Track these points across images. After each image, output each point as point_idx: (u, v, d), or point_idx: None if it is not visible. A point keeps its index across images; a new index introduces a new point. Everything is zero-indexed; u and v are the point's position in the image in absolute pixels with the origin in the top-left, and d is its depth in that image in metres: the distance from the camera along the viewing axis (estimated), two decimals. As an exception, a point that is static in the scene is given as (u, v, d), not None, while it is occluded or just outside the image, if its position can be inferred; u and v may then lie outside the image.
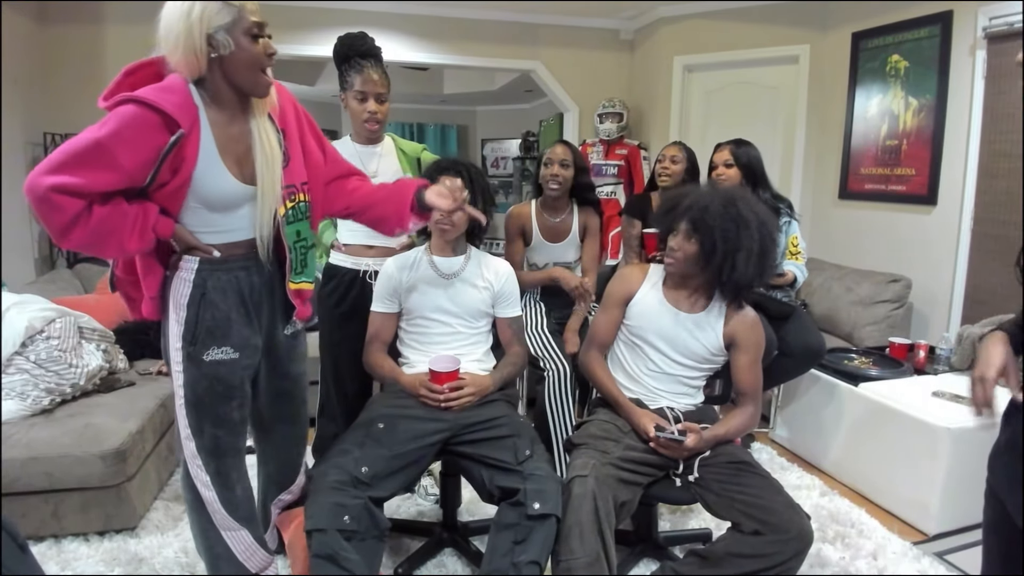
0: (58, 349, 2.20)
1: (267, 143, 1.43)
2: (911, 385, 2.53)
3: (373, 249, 2.15)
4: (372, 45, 2.10)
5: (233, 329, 1.49)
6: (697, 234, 1.72)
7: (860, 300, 3.24)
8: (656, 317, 1.83)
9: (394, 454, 1.65)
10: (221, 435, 1.52)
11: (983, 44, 2.97)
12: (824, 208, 3.99)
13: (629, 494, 1.64)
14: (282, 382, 1.68)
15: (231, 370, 1.49)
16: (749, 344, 1.81)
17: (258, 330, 1.55)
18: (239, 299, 1.50)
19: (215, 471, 1.53)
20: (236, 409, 1.53)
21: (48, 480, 1.98)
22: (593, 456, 1.66)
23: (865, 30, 3.60)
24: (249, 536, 1.60)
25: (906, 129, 3.39)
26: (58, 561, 1.95)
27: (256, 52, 1.33)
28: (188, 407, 1.49)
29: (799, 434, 2.86)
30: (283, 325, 1.62)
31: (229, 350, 1.48)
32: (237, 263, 1.48)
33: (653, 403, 1.83)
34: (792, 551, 1.49)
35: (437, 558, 2.00)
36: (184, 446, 1.53)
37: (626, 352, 1.91)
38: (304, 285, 1.62)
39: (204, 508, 1.56)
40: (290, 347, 1.67)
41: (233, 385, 1.51)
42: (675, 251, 1.77)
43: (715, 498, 1.64)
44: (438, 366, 1.81)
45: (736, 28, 4.13)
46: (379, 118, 2.09)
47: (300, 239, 1.57)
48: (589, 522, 1.51)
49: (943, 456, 2.18)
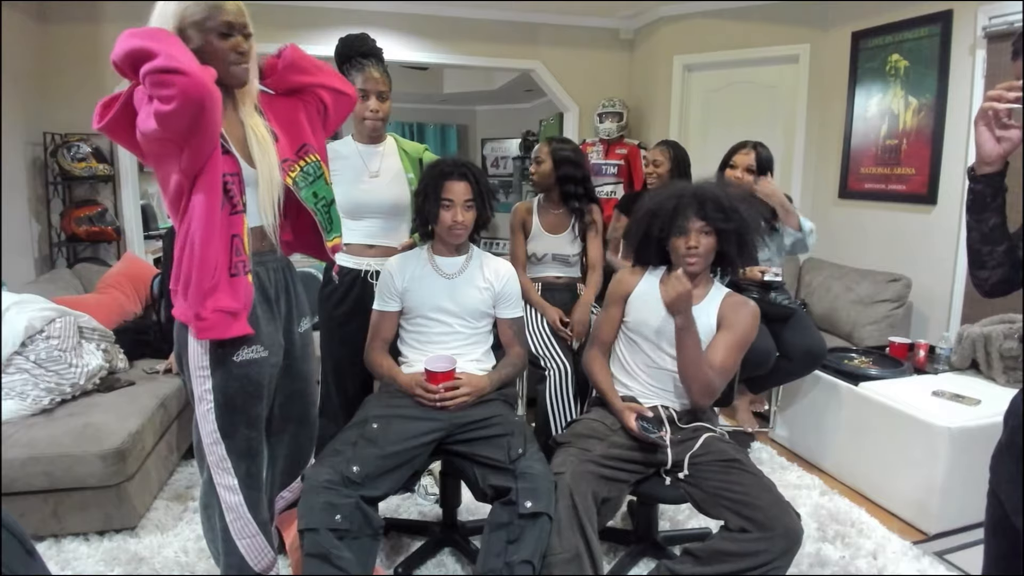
0: (58, 349, 2.20)
1: (257, 129, 1.47)
2: (911, 384, 2.53)
3: (374, 249, 2.15)
4: (373, 45, 2.11)
5: (260, 326, 1.49)
6: (713, 225, 1.75)
7: (860, 299, 3.24)
8: (653, 312, 1.84)
9: (387, 453, 1.65)
10: (254, 436, 1.52)
11: (983, 43, 2.97)
12: (824, 207, 3.99)
13: (613, 491, 1.64)
14: (295, 382, 1.69)
15: (261, 369, 1.49)
16: (737, 324, 1.79)
17: (280, 328, 1.57)
18: (262, 295, 1.51)
19: (245, 473, 1.52)
20: (265, 408, 1.55)
21: (48, 480, 1.98)
22: (573, 454, 1.66)
23: (865, 29, 3.60)
24: (263, 540, 1.60)
25: (906, 128, 3.39)
26: (58, 561, 1.95)
27: (221, 49, 1.38)
28: (218, 410, 1.46)
29: (799, 434, 2.86)
30: (298, 322, 1.66)
31: (259, 348, 1.48)
32: (254, 257, 1.48)
33: (648, 401, 1.83)
34: (779, 549, 1.47)
35: (437, 557, 2.00)
36: (209, 451, 1.50)
37: (624, 349, 1.92)
38: (337, 239, 1.69)
39: (224, 516, 1.53)
40: (303, 345, 1.69)
41: (262, 384, 1.51)
42: (695, 249, 1.76)
43: (703, 496, 1.63)
44: (434, 366, 1.81)
45: (736, 27, 4.13)
46: (381, 116, 2.09)
47: (319, 199, 1.60)
48: (567, 518, 1.51)
49: (943, 456, 2.18)
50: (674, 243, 1.80)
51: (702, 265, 1.80)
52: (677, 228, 1.78)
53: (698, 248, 1.76)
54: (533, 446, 1.73)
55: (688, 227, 1.76)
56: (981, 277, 1.25)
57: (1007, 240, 1.21)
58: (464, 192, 1.88)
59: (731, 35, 4.14)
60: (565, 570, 1.48)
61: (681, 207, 1.77)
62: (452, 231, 1.90)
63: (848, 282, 3.36)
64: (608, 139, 4.35)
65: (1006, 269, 1.21)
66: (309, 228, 1.62)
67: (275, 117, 1.56)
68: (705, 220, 1.75)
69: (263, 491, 1.60)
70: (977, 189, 1.20)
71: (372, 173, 2.13)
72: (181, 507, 2.29)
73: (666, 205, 1.81)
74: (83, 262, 3.60)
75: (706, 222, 1.75)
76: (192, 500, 2.34)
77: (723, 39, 4.17)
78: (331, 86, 1.64)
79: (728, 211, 1.74)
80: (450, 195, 1.87)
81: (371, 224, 2.15)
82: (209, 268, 1.36)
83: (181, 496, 2.37)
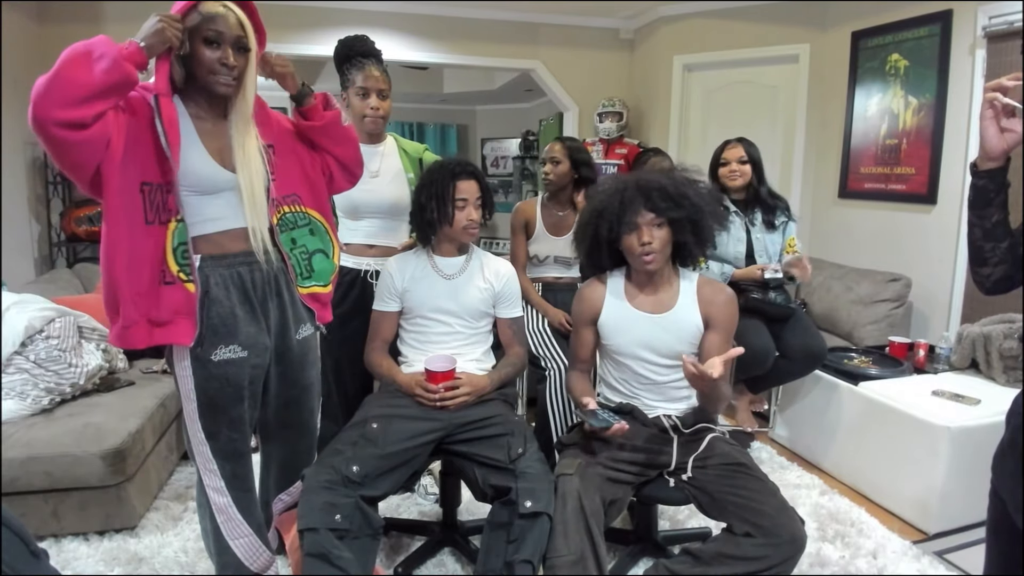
0: (58, 349, 2.20)
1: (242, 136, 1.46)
2: (911, 384, 2.53)
3: (374, 248, 2.16)
4: (372, 46, 2.12)
5: (239, 326, 1.48)
6: (664, 214, 1.68)
7: (860, 299, 3.24)
8: (631, 328, 1.77)
9: (386, 453, 1.65)
10: (236, 437, 1.53)
11: (983, 43, 2.97)
12: (824, 207, 3.99)
13: (618, 493, 1.62)
14: (291, 389, 1.68)
15: (240, 369, 1.49)
16: (722, 320, 1.75)
17: (266, 330, 1.55)
18: (242, 295, 1.50)
19: (231, 474, 1.54)
20: (248, 410, 1.54)
21: (48, 480, 1.98)
22: (580, 456, 1.65)
23: (865, 29, 3.60)
24: (257, 540, 1.61)
25: (906, 128, 3.39)
26: (58, 561, 1.95)
27: (206, 58, 1.38)
28: (201, 410, 1.48)
29: (799, 433, 2.86)
30: (295, 329, 1.63)
31: (237, 348, 1.48)
32: (236, 258, 1.49)
33: (650, 413, 1.80)
34: (782, 556, 1.46)
35: (437, 557, 2.00)
36: (197, 452, 1.52)
37: (613, 371, 1.87)
38: (316, 289, 1.66)
39: (215, 517, 1.55)
40: (302, 353, 1.66)
41: (242, 385, 1.51)
42: (650, 244, 1.68)
43: (708, 499, 1.62)
44: (434, 366, 1.80)
45: (736, 27, 4.13)
46: (381, 114, 2.09)
47: (297, 246, 1.61)
48: (574, 520, 1.50)
49: (943, 455, 2.17)
50: (626, 242, 1.72)
51: (660, 260, 1.71)
52: (626, 225, 1.69)
53: (652, 243, 1.67)
54: (533, 446, 1.73)
55: (638, 222, 1.68)
56: (983, 274, 1.24)
57: (1009, 236, 1.21)
58: (475, 191, 1.90)
59: (731, 35, 4.14)
60: (570, 572, 1.46)
61: (627, 201, 1.69)
62: (468, 230, 1.90)
63: (848, 282, 3.35)
64: (608, 139, 4.35)
65: (1007, 266, 1.21)
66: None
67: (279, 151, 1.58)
68: (655, 211, 1.67)
69: (253, 492, 1.60)
70: (980, 184, 1.20)
71: (372, 173, 2.12)
72: (181, 507, 2.29)
73: (611, 202, 1.72)
74: (83, 262, 3.60)
75: (656, 213, 1.67)
76: (192, 500, 2.34)
77: (723, 39, 4.17)
78: (344, 162, 1.68)
79: (676, 198, 1.67)
80: (463, 194, 1.87)
81: (371, 224, 2.15)
82: (114, 280, 1.37)
83: (181, 496, 2.37)
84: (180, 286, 1.42)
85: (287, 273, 1.60)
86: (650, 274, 1.76)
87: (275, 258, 1.55)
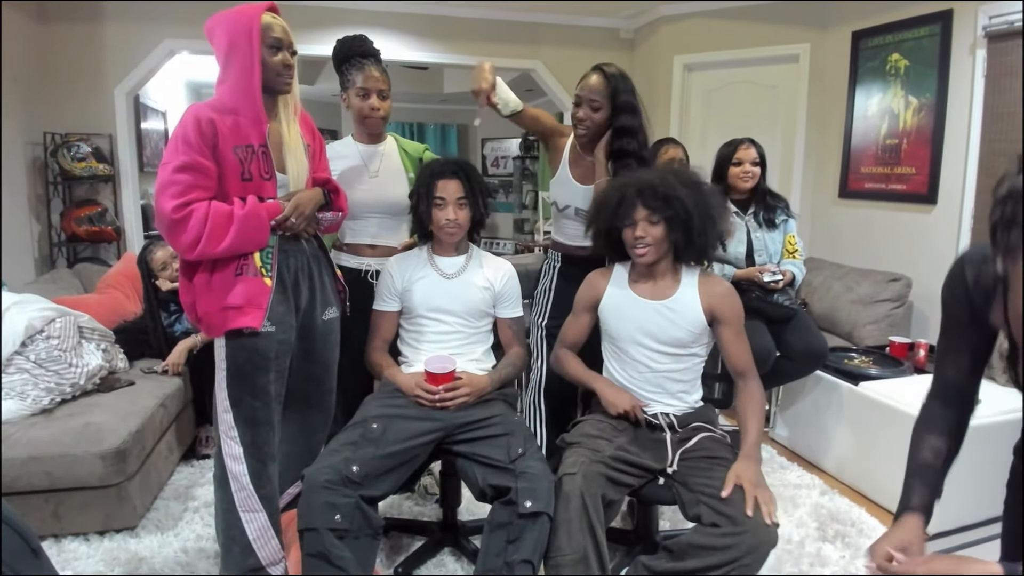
0: (58, 349, 2.20)
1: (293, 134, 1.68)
2: (911, 384, 2.52)
3: (375, 248, 2.16)
4: (371, 46, 2.12)
5: (272, 305, 1.61)
6: (659, 212, 1.72)
7: (860, 299, 3.24)
8: (631, 312, 1.82)
9: (386, 453, 1.64)
10: (259, 406, 1.62)
11: (983, 43, 2.97)
12: (824, 207, 3.99)
13: (617, 494, 1.63)
14: (313, 367, 1.81)
15: (268, 342, 1.61)
16: (729, 313, 1.78)
17: (293, 310, 1.69)
18: (277, 277, 1.64)
19: (250, 441, 1.62)
20: (273, 383, 1.64)
21: (48, 480, 1.98)
22: (583, 454, 1.65)
23: (865, 29, 3.60)
24: (266, 519, 1.65)
25: (906, 128, 3.39)
26: (58, 561, 1.95)
27: (272, 61, 1.62)
28: (229, 378, 1.60)
29: (799, 433, 2.86)
30: (322, 310, 1.79)
31: (267, 324, 1.60)
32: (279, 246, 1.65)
33: (650, 409, 1.80)
34: (747, 545, 1.43)
35: (437, 557, 2.00)
36: (221, 419, 1.63)
37: (615, 363, 1.88)
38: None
39: (229, 486, 1.62)
40: (326, 332, 1.81)
41: (269, 356, 1.62)
42: (643, 239, 1.73)
43: (689, 495, 1.61)
44: (434, 366, 1.80)
45: (736, 27, 4.13)
46: (381, 114, 2.09)
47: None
48: (577, 519, 1.50)
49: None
50: (624, 235, 1.79)
51: (654, 254, 1.76)
52: (624, 219, 1.76)
53: (645, 237, 1.73)
54: (533, 446, 1.73)
55: (634, 217, 1.74)
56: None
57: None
58: (456, 190, 1.89)
59: (731, 35, 4.14)
60: (573, 571, 1.46)
61: (626, 198, 1.76)
62: (445, 229, 1.91)
63: (848, 282, 3.35)
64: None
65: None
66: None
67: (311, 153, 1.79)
68: (649, 208, 1.72)
69: (269, 468, 1.65)
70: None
71: (372, 173, 2.13)
72: (181, 507, 2.29)
73: (611, 198, 1.80)
74: (83, 262, 3.61)
75: (651, 211, 1.72)
76: (192, 500, 2.34)
77: (723, 39, 4.17)
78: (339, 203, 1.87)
79: (668, 198, 1.71)
80: (442, 193, 1.89)
81: (371, 224, 2.15)
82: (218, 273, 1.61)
83: (181, 496, 2.37)
84: (250, 278, 1.60)
85: (321, 259, 1.80)
86: (649, 266, 1.80)
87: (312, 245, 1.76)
